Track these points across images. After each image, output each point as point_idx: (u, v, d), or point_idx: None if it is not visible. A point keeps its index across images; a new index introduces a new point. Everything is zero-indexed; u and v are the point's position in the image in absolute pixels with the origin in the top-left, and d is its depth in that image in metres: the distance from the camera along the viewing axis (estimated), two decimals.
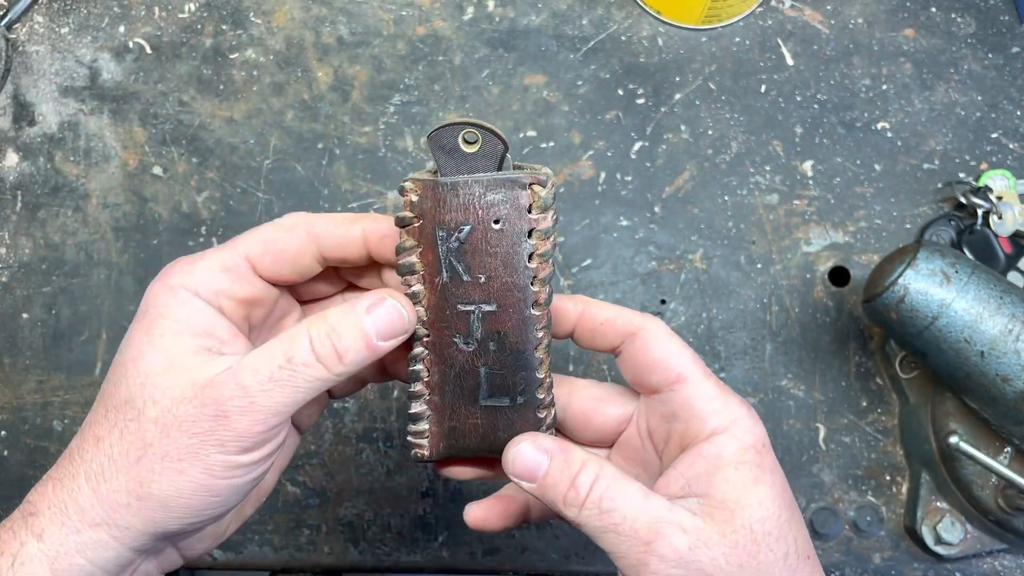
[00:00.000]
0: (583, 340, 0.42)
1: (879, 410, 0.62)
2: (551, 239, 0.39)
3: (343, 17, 0.68)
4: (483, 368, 0.40)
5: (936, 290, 0.51)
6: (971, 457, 0.54)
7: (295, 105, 0.66)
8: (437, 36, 0.67)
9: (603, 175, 0.65)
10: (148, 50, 0.67)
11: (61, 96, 0.66)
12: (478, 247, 0.38)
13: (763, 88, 0.66)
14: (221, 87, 0.66)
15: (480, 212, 0.37)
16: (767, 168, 0.65)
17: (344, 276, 0.44)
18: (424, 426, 0.41)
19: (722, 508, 0.36)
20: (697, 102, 0.66)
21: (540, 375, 0.40)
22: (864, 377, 0.63)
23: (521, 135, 0.65)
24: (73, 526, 0.35)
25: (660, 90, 0.66)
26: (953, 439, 0.54)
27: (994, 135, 0.65)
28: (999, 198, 0.61)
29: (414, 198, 0.38)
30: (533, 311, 0.39)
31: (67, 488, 0.36)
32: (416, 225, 0.38)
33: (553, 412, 0.42)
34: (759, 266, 0.64)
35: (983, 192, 0.61)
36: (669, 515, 0.36)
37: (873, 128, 0.65)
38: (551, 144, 0.65)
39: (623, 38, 0.67)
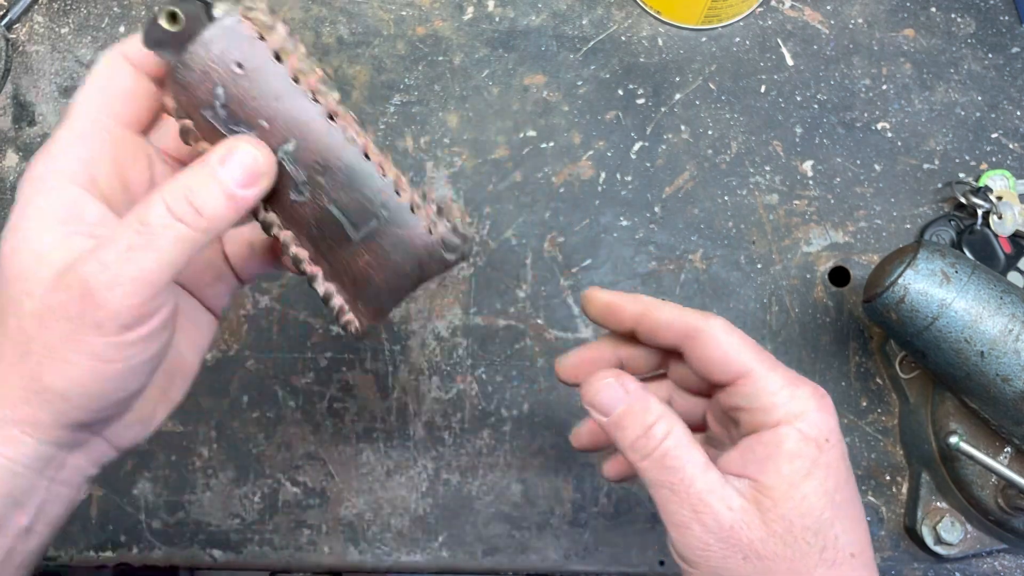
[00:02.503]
0: (643, 338, 0.43)
1: (879, 410, 0.62)
2: (299, 48, 0.36)
3: (343, 17, 0.68)
4: (331, 205, 0.37)
5: (936, 290, 0.51)
6: (971, 457, 0.54)
7: None
8: (437, 36, 0.67)
9: (603, 175, 0.65)
10: None
11: (61, 96, 0.66)
12: (242, 100, 0.36)
13: (763, 88, 0.66)
14: None
15: (220, 69, 0.35)
16: (767, 168, 0.65)
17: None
18: (338, 301, 0.40)
19: (768, 496, 0.37)
20: (697, 102, 0.66)
21: (387, 176, 0.37)
22: (864, 377, 0.63)
23: (521, 135, 0.65)
24: None
25: (660, 90, 0.66)
26: (953, 439, 0.54)
27: (994, 135, 0.65)
28: (999, 198, 0.61)
29: (170, 102, 0.37)
30: (333, 121, 0.37)
31: None
32: (191, 124, 0.37)
33: (435, 208, 0.38)
34: (759, 266, 0.64)
35: (983, 192, 0.61)
36: (721, 490, 0.37)
37: (873, 128, 0.65)
38: (551, 144, 0.65)
39: (623, 38, 0.67)
